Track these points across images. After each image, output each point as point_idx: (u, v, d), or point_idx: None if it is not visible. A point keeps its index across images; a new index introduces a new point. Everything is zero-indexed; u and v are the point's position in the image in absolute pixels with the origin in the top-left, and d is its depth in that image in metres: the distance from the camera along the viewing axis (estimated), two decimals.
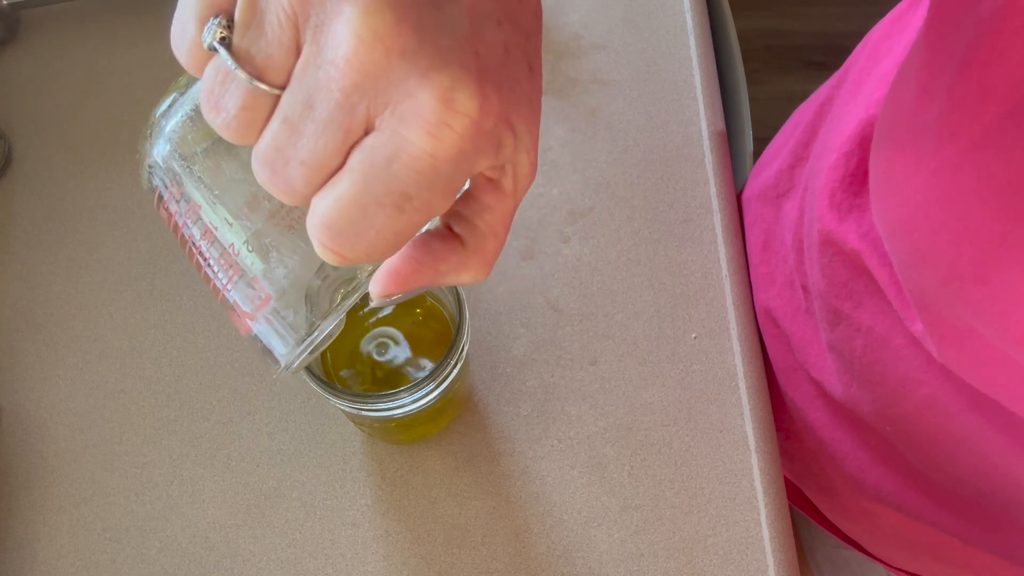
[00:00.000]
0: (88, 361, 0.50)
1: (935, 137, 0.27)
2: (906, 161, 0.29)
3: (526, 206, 0.53)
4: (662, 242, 0.52)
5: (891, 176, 0.30)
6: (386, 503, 0.47)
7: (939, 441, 0.38)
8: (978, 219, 0.26)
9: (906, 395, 0.38)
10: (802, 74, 1.53)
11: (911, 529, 0.47)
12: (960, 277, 0.28)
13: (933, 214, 0.28)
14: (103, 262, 0.52)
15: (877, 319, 0.38)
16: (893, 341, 0.37)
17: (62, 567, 0.46)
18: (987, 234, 0.26)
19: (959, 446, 0.36)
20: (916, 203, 0.29)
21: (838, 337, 0.42)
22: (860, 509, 0.52)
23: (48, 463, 0.48)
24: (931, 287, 0.30)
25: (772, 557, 0.45)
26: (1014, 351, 0.28)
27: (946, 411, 0.36)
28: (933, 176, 0.28)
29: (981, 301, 0.28)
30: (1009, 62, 0.24)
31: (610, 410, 0.48)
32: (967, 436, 0.35)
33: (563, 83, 0.57)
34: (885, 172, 0.31)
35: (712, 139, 0.55)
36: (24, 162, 0.56)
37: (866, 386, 0.41)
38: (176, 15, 0.21)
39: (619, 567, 0.45)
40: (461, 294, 0.39)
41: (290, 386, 0.49)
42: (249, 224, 0.26)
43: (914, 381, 0.37)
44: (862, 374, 0.41)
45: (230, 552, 0.46)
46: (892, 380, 0.38)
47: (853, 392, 0.43)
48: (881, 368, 0.39)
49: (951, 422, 0.36)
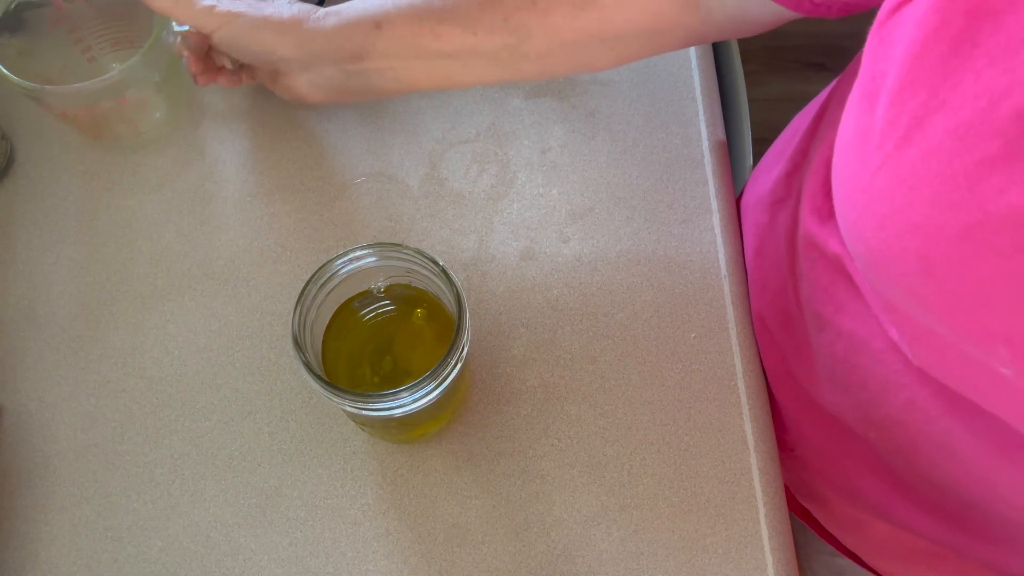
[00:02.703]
0: (90, 361, 0.50)
1: (876, 136, 0.28)
2: (854, 162, 0.30)
3: (526, 206, 0.54)
4: (662, 242, 0.52)
5: (844, 178, 0.31)
6: (387, 502, 0.47)
7: (921, 447, 0.38)
8: (917, 212, 0.27)
9: (887, 400, 0.38)
10: (801, 75, 1.53)
11: (902, 540, 0.48)
12: (907, 273, 0.29)
13: (879, 212, 0.29)
14: (105, 262, 0.53)
15: (857, 323, 0.38)
16: (872, 345, 0.37)
17: (64, 566, 0.46)
18: (926, 226, 0.27)
19: (940, 452, 0.37)
20: (864, 203, 0.30)
21: (822, 342, 0.42)
22: (851, 519, 0.52)
23: (50, 462, 0.48)
24: (888, 288, 0.31)
25: (771, 556, 0.45)
26: (967, 346, 0.28)
27: (926, 415, 0.36)
28: (876, 174, 0.29)
29: (928, 296, 0.28)
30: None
31: (610, 409, 0.48)
32: (947, 442, 0.36)
33: (563, 83, 0.58)
34: (840, 174, 0.32)
35: (711, 140, 0.55)
36: (26, 163, 0.56)
37: (849, 391, 0.41)
38: None
39: (619, 566, 0.45)
40: (461, 294, 0.39)
41: (291, 386, 0.49)
42: None
43: (894, 385, 0.37)
44: (845, 379, 0.41)
45: (231, 551, 0.46)
46: (873, 385, 0.39)
47: (838, 398, 0.43)
48: (862, 373, 0.39)
49: (931, 427, 0.36)
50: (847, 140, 0.31)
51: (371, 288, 0.44)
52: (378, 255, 0.41)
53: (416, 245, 0.45)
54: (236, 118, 0.57)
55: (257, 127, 0.57)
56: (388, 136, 0.56)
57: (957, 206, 0.26)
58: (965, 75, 0.25)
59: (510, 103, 0.57)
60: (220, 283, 0.52)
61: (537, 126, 0.56)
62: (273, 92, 0.51)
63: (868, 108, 0.29)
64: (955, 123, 0.25)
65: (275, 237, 0.53)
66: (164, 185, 0.55)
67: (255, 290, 0.52)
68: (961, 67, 0.25)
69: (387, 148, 0.56)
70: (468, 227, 0.53)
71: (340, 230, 0.53)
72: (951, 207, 0.26)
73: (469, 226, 0.53)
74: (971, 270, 0.26)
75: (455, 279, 0.40)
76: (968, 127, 0.25)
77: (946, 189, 0.26)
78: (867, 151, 0.29)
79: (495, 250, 0.53)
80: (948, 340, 0.29)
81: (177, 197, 0.55)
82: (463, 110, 0.57)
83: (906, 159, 0.27)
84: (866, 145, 0.29)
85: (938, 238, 0.27)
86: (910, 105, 0.27)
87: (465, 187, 0.54)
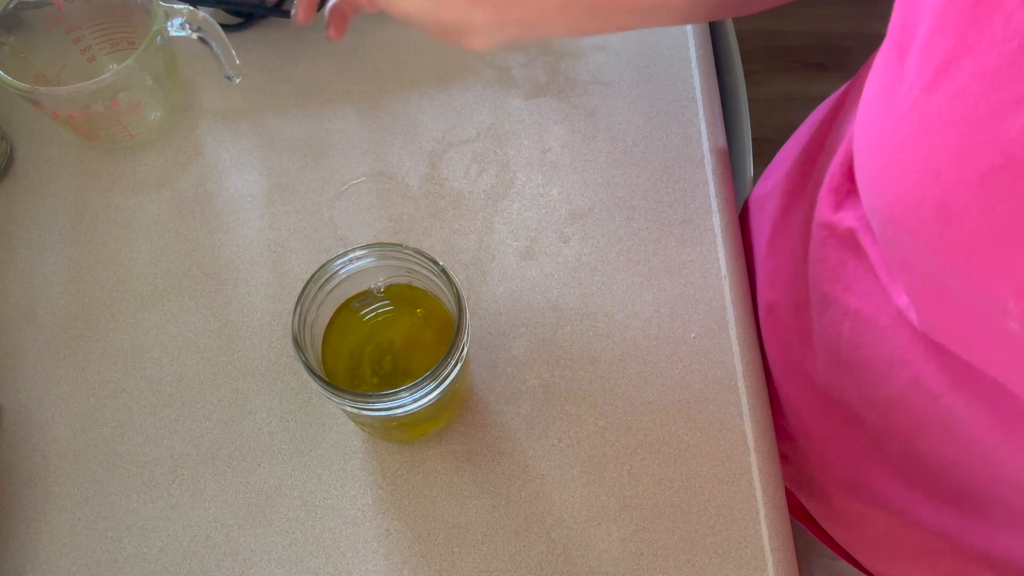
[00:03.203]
0: (90, 361, 0.50)
1: (905, 85, 0.29)
2: (880, 115, 0.31)
3: (526, 206, 0.54)
4: (662, 242, 0.52)
5: (869, 133, 0.32)
6: (387, 502, 0.47)
7: (922, 428, 0.38)
8: (940, 158, 0.28)
9: (890, 379, 0.38)
10: (801, 75, 1.53)
11: (902, 534, 0.48)
12: (925, 223, 0.29)
13: (902, 161, 0.29)
14: (105, 262, 0.53)
15: (864, 300, 0.39)
16: (879, 321, 0.38)
17: (64, 566, 0.46)
18: (947, 173, 0.27)
19: (941, 433, 0.37)
20: (888, 154, 0.30)
21: (827, 322, 0.43)
22: (851, 513, 0.52)
23: (50, 462, 0.48)
24: (904, 242, 0.31)
25: (771, 556, 0.45)
26: (978, 302, 0.29)
27: (930, 393, 0.36)
28: (901, 122, 0.29)
29: (944, 248, 0.29)
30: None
31: (610, 409, 0.48)
32: (950, 419, 0.36)
33: (563, 83, 0.58)
34: (865, 131, 0.33)
35: (711, 140, 0.55)
36: (26, 163, 0.56)
37: (852, 371, 0.42)
38: None
39: (619, 566, 0.45)
40: (461, 294, 0.39)
41: (291, 386, 0.49)
42: None
43: (899, 362, 0.37)
44: (849, 359, 0.42)
45: (231, 551, 0.46)
46: (877, 363, 0.39)
47: (840, 380, 0.44)
48: (867, 351, 0.40)
49: (934, 405, 0.36)
50: (873, 94, 0.32)
51: (371, 288, 0.44)
52: (378, 255, 0.41)
53: (416, 245, 0.45)
54: (235, 118, 0.57)
55: (256, 127, 0.57)
56: (388, 136, 0.56)
57: (980, 149, 0.26)
58: (995, 18, 0.26)
59: (510, 103, 0.57)
60: (220, 283, 0.52)
61: (537, 126, 0.56)
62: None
63: (898, 59, 0.30)
64: (983, 66, 0.26)
65: (275, 237, 0.53)
66: (164, 185, 0.55)
67: (255, 290, 0.52)
68: (992, 10, 0.26)
69: (387, 148, 0.56)
70: (468, 227, 0.53)
71: (340, 230, 0.53)
72: (974, 151, 0.26)
73: (469, 226, 0.53)
74: (989, 218, 0.27)
75: (455, 279, 0.40)
76: (996, 70, 0.25)
77: (971, 131, 0.26)
78: (894, 101, 0.29)
79: (495, 250, 0.53)
80: (959, 298, 0.30)
81: (177, 197, 0.55)
82: (463, 110, 0.57)
83: (932, 104, 0.27)
84: (893, 95, 0.30)
85: (959, 185, 0.27)
86: (939, 51, 0.27)
87: (465, 187, 0.54)
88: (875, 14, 1.62)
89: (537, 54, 0.59)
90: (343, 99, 0.57)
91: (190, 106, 0.57)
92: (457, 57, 0.59)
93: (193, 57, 0.58)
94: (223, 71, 0.54)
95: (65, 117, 0.50)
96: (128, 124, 0.53)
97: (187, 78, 0.58)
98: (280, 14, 0.59)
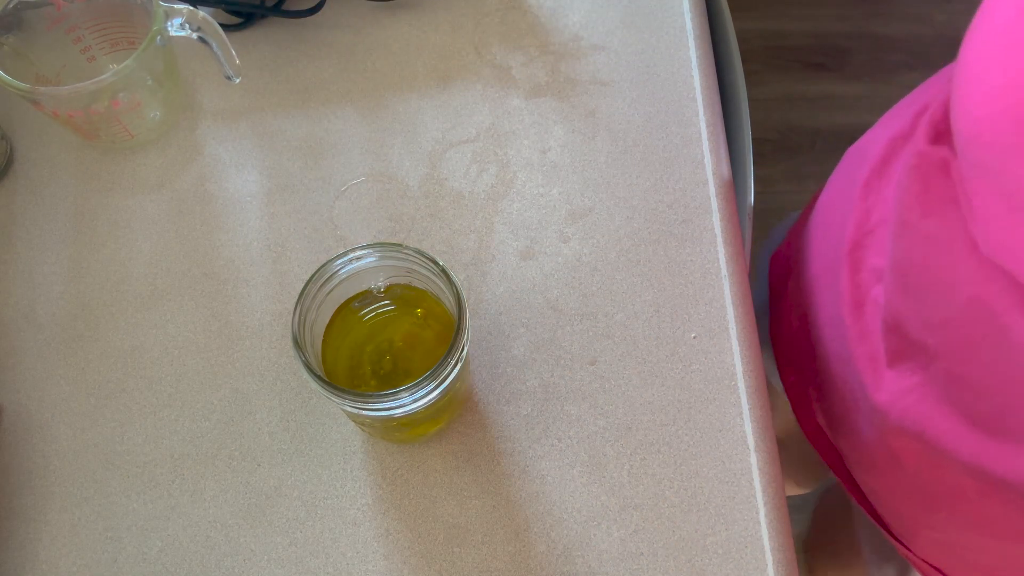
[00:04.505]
0: (89, 361, 0.50)
1: None
2: (999, 16, 0.33)
3: (526, 206, 0.54)
4: (661, 242, 0.53)
5: (980, 37, 0.34)
6: (387, 502, 0.47)
7: (980, 349, 0.40)
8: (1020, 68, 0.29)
9: (953, 297, 0.40)
10: (801, 75, 1.53)
11: (930, 467, 0.48)
12: (1005, 133, 0.31)
13: (1014, 61, 0.31)
14: (104, 262, 0.53)
15: (941, 226, 0.41)
16: (952, 245, 0.40)
17: (64, 566, 0.46)
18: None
19: (996, 350, 0.39)
20: (991, 51, 0.32)
21: (901, 246, 0.45)
22: (884, 450, 0.52)
23: (49, 462, 0.48)
24: (990, 151, 0.33)
25: (771, 556, 0.45)
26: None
27: (989, 311, 0.38)
28: (1018, 16, 0.31)
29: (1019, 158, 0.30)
30: None
31: (610, 410, 0.48)
32: (1005, 338, 0.38)
33: (563, 84, 0.58)
34: (976, 35, 0.35)
35: (711, 141, 0.55)
36: (26, 162, 0.56)
37: (917, 295, 0.44)
38: None
39: (619, 566, 0.45)
40: (461, 294, 0.40)
41: (291, 386, 0.49)
42: None
43: (963, 281, 0.39)
44: (915, 283, 0.44)
45: (231, 551, 0.46)
46: (942, 284, 0.41)
47: (904, 306, 0.46)
48: (934, 274, 0.42)
49: (992, 323, 0.38)
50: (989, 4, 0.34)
51: (371, 288, 0.44)
52: (378, 255, 0.41)
53: (416, 245, 0.45)
54: (235, 118, 0.57)
55: (256, 127, 0.57)
56: (388, 136, 0.56)
57: None
58: None
59: (510, 103, 0.57)
60: (220, 283, 0.52)
61: (537, 126, 0.56)
62: (267, 103, 0.51)
63: None
64: None
65: (275, 237, 0.53)
66: (164, 185, 0.55)
67: (255, 290, 0.52)
68: None
69: (387, 148, 0.56)
70: (468, 227, 0.53)
71: (340, 230, 0.53)
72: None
73: (469, 226, 0.53)
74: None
75: (455, 279, 0.40)
76: None
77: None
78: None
79: (495, 250, 0.53)
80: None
81: (177, 197, 0.55)
82: (463, 110, 0.57)
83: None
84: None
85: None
86: None
87: (465, 187, 0.54)
88: (875, 14, 1.62)
89: (537, 54, 0.59)
90: (343, 99, 0.57)
91: (190, 106, 0.57)
92: (457, 57, 0.59)
93: (193, 57, 0.58)
94: (223, 71, 0.54)
95: (65, 117, 0.50)
96: (128, 124, 0.53)
97: (187, 78, 0.58)
98: (280, 14, 0.59)
